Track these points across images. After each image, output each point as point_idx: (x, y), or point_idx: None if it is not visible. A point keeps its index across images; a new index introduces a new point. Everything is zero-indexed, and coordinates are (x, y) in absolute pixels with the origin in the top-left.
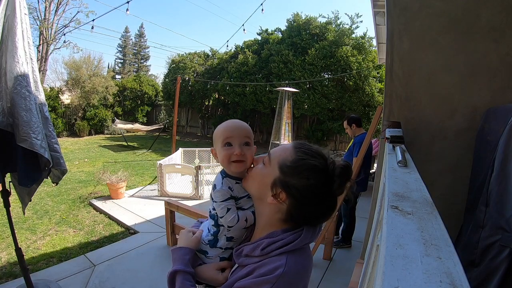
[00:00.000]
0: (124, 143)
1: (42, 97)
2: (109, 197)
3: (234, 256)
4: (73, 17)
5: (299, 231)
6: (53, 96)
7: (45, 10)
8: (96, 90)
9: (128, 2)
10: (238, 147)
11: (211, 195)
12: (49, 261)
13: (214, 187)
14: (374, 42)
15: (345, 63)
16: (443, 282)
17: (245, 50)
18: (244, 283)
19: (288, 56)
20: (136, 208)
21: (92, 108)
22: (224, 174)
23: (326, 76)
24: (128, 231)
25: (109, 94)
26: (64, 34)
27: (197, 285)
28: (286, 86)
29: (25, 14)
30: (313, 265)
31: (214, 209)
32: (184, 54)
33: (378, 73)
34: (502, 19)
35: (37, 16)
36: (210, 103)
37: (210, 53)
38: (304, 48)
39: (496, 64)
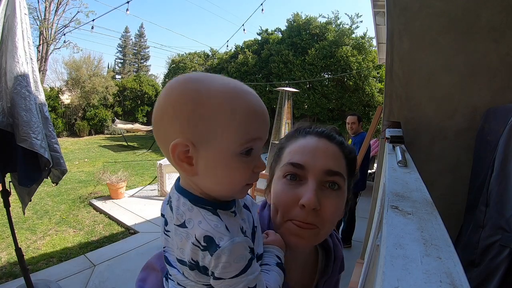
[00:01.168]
0: (124, 143)
1: (42, 97)
2: (109, 197)
3: None
4: (73, 17)
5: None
6: (53, 96)
7: (45, 10)
8: (96, 90)
9: (128, 2)
10: (261, 159)
11: (197, 269)
12: (49, 261)
13: (213, 246)
14: (374, 42)
15: (345, 63)
16: (443, 282)
17: (245, 50)
18: None
19: (288, 56)
20: (136, 208)
21: (92, 108)
22: (210, 204)
23: (326, 76)
24: (128, 231)
25: (109, 94)
26: (64, 34)
27: None
28: (286, 86)
29: (25, 14)
30: None
31: None
32: (184, 54)
33: (378, 73)
34: (502, 19)
35: (37, 16)
36: None
37: (210, 53)
38: (304, 48)
39: (496, 64)
